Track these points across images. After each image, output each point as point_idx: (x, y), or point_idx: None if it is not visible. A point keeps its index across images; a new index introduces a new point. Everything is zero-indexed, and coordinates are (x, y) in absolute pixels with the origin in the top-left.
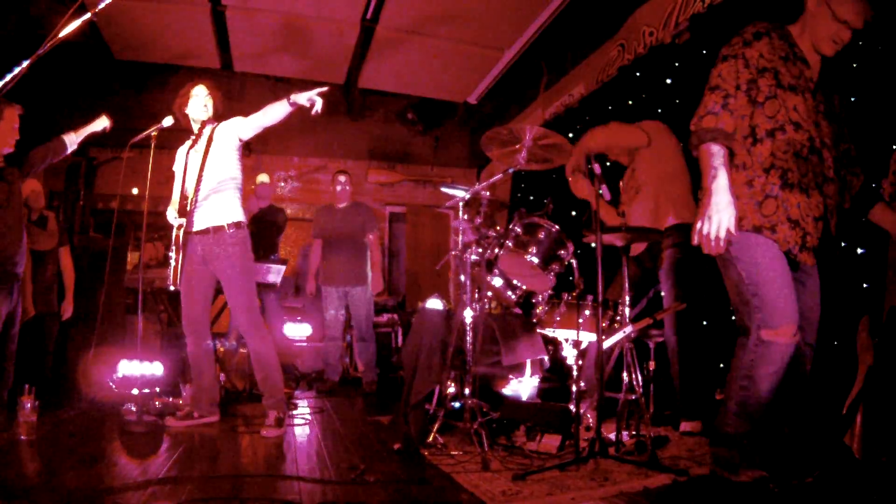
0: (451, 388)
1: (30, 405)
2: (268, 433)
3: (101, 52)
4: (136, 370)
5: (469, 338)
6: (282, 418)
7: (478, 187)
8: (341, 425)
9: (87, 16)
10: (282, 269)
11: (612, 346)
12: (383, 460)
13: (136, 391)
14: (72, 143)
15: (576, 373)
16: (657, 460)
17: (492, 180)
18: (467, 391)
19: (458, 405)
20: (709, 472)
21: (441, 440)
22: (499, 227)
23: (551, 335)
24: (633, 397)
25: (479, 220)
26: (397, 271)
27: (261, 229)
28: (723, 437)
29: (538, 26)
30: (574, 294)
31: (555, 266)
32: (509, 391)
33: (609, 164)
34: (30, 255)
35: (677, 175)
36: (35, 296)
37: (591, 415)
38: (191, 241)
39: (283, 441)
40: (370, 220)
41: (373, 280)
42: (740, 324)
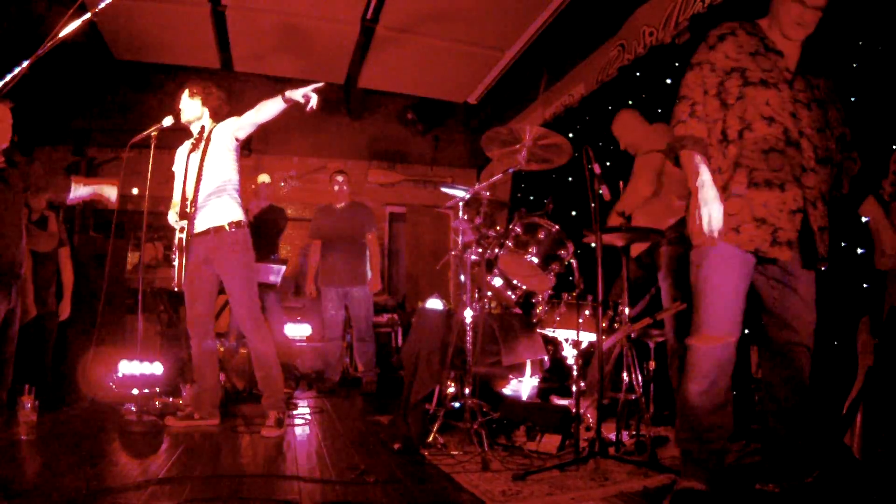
0: (451, 388)
1: (30, 405)
2: (268, 433)
3: (101, 52)
4: (136, 370)
5: (469, 338)
6: (282, 418)
7: (478, 187)
8: (341, 425)
9: (87, 16)
10: (282, 270)
11: (612, 346)
12: (383, 460)
13: (136, 391)
14: (75, 192)
15: (576, 373)
16: (657, 460)
17: (492, 180)
18: (467, 391)
19: (458, 405)
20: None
21: (441, 440)
22: (499, 227)
23: (551, 335)
24: (633, 397)
25: (479, 220)
26: (397, 271)
27: (261, 229)
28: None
29: (538, 26)
30: (574, 294)
31: (555, 266)
32: (509, 391)
33: (609, 164)
34: (30, 256)
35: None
36: (35, 296)
37: (591, 415)
38: (193, 242)
39: (283, 441)
40: (369, 220)
41: (371, 279)
42: None
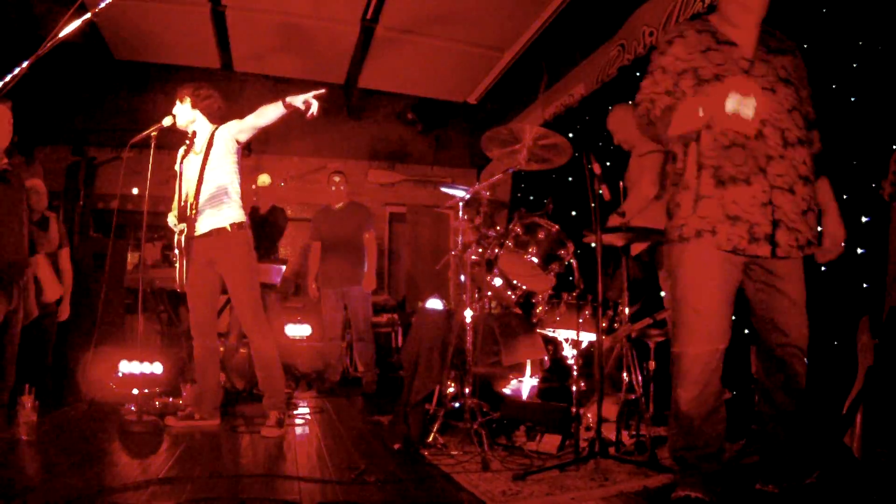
0: (451, 388)
1: (30, 405)
2: (268, 433)
3: (101, 52)
4: (136, 370)
5: (469, 338)
6: (282, 418)
7: (478, 187)
8: (341, 425)
9: (87, 16)
10: (282, 270)
11: (612, 345)
12: (383, 460)
13: (136, 391)
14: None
15: (576, 373)
16: (657, 460)
17: (492, 180)
18: (467, 391)
19: (458, 405)
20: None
21: (441, 440)
22: (499, 227)
23: (551, 335)
24: (633, 397)
25: (479, 220)
26: (397, 271)
27: (261, 229)
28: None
29: (538, 26)
30: (574, 294)
31: (555, 266)
32: (509, 391)
33: (609, 164)
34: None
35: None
36: (35, 296)
37: (591, 414)
38: (194, 244)
39: (284, 441)
40: (366, 220)
41: (366, 278)
42: None
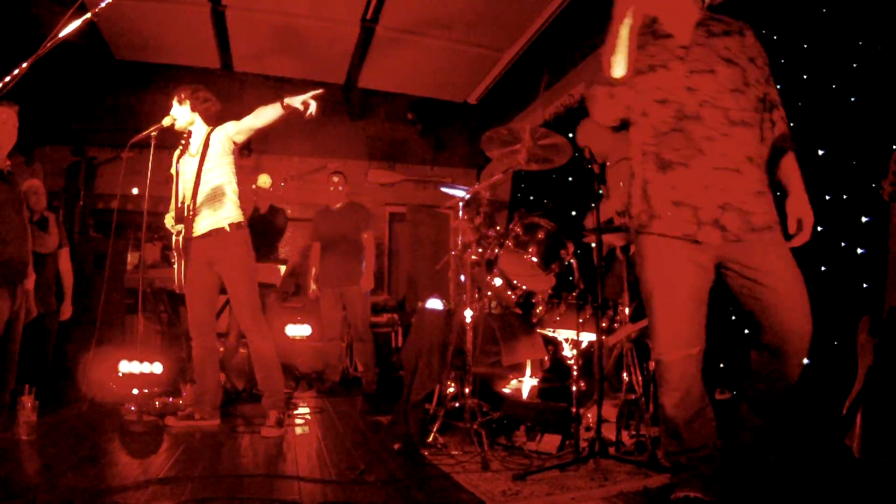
0: (451, 388)
1: (30, 405)
2: (268, 433)
3: (101, 52)
4: (136, 370)
5: (469, 338)
6: (282, 418)
7: (478, 187)
8: (341, 425)
9: (87, 16)
10: (282, 270)
11: (612, 345)
12: (383, 460)
13: (136, 391)
14: None
15: (576, 373)
16: (657, 460)
17: (492, 180)
18: (467, 391)
19: (458, 405)
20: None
21: (441, 440)
22: (499, 227)
23: (551, 335)
24: (633, 397)
25: (479, 220)
26: (397, 271)
27: (261, 230)
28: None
29: (538, 27)
30: (574, 294)
31: (555, 266)
32: (509, 391)
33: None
34: (31, 256)
35: None
36: (36, 296)
37: (591, 414)
38: (193, 245)
39: (283, 441)
40: (364, 220)
41: (364, 278)
42: None
